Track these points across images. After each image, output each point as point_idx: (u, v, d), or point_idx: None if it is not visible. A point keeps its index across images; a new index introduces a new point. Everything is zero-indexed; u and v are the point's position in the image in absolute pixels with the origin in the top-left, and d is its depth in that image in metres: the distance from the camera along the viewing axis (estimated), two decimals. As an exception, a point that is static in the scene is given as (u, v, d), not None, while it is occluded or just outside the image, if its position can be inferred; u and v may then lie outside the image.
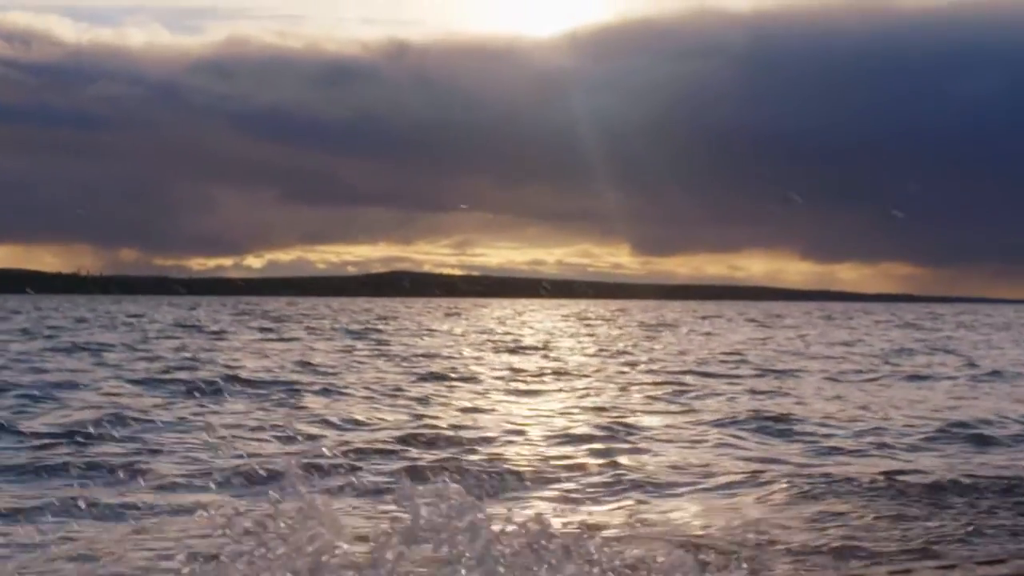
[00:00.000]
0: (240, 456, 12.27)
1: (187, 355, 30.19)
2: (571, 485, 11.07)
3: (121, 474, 11.18)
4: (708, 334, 49.76)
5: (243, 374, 22.86)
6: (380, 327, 54.12)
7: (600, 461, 12.38)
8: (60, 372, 23.80)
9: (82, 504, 9.63)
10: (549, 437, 14.26)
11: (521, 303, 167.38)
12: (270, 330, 48.76)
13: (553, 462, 12.23)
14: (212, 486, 10.60)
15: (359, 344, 37.15)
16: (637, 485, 11.07)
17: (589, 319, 76.40)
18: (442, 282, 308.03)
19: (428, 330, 51.00)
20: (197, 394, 19.11)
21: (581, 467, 11.98)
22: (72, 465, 11.62)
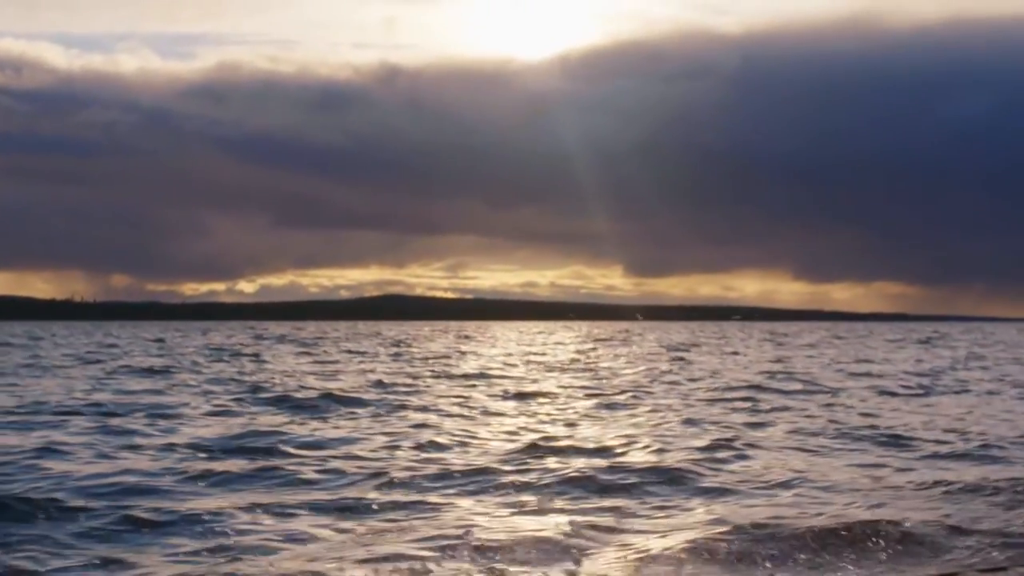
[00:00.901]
0: (421, 463, 13.47)
1: (255, 375, 31.25)
2: (735, 480, 12.25)
3: (328, 477, 12.36)
4: (735, 353, 50.96)
5: (335, 393, 23.98)
6: (412, 350, 55.27)
7: (747, 464, 13.59)
8: (151, 394, 24.85)
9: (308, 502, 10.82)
10: (678, 445, 15.41)
11: (523, 325, 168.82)
12: (307, 353, 49.86)
13: (703, 465, 13.40)
14: (429, 485, 11.80)
15: (408, 367, 38.22)
16: (798, 481, 12.26)
17: (604, 340, 77.51)
18: (435, 305, 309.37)
19: (461, 352, 52.08)
20: (332, 408, 20.37)
21: (735, 471, 13.16)
22: (277, 471, 12.77)
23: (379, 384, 27.77)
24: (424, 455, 14.44)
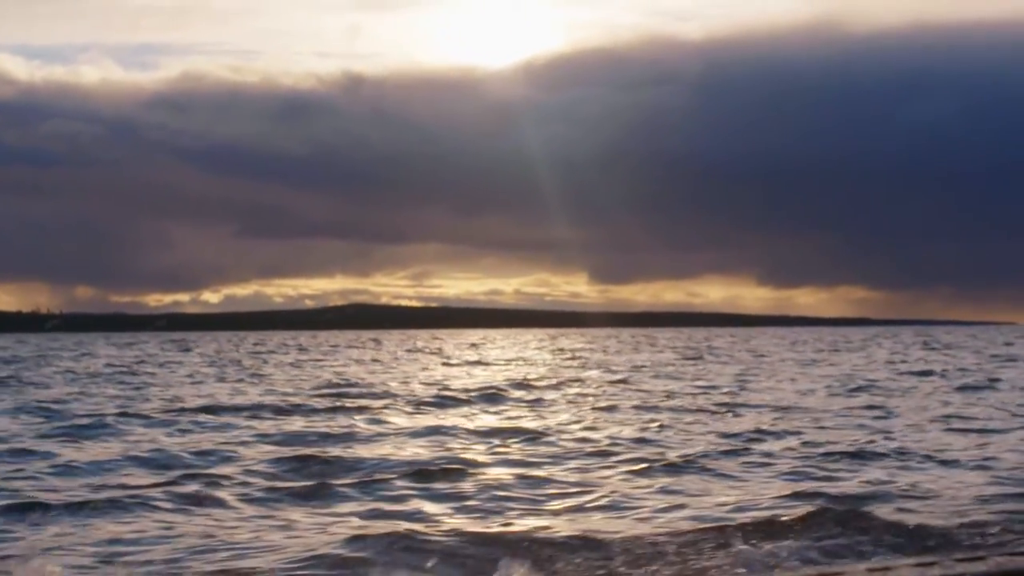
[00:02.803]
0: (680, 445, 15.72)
1: (346, 379, 33.17)
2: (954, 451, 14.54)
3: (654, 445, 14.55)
4: (761, 355, 53.35)
5: (487, 392, 26.16)
6: (457, 356, 57.30)
7: (943, 442, 15.91)
8: (283, 396, 26.83)
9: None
10: (875, 427, 17.66)
11: (504, 333, 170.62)
12: (358, 360, 51.72)
13: (912, 440, 15.69)
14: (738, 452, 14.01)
15: (477, 369, 40.23)
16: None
17: (615, 346, 79.60)
18: (401, 314, 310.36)
19: (508, 360, 53.99)
20: (496, 404, 22.54)
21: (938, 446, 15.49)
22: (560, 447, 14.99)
23: (517, 384, 29.81)
24: (678, 435, 16.67)
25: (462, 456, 14.59)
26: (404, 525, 9.42)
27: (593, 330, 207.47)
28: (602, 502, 11.23)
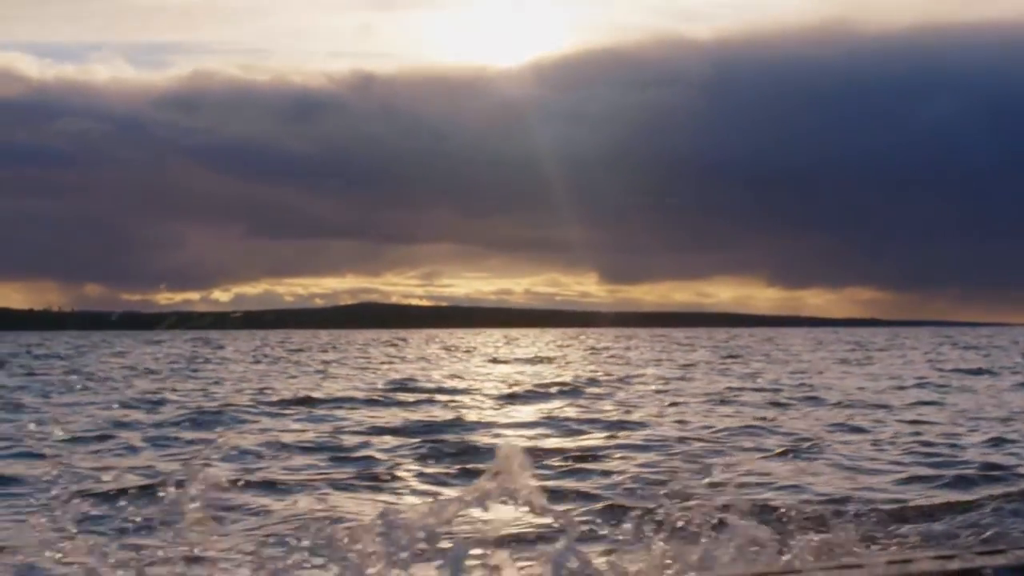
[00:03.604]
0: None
1: (409, 375, 34.14)
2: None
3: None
4: (795, 354, 54.25)
5: (570, 387, 27.16)
6: (504, 354, 58.23)
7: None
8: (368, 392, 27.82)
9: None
10: (983, 430, 18.63)
11: (520, 332, 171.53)
12: (397, 357, 52.68)
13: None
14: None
15: (529, 367, 41.19)
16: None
17: (644, 345, 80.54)
18: (411, 313, 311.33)
19: (552, 358, 54.92)
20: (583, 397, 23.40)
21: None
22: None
23: (568, 383, 30.70)
24: (777, 425, 17.62)
25: (589, 443, 15.54)
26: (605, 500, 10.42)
27: (605, 330, 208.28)
28: (744, 480, 12.16)
